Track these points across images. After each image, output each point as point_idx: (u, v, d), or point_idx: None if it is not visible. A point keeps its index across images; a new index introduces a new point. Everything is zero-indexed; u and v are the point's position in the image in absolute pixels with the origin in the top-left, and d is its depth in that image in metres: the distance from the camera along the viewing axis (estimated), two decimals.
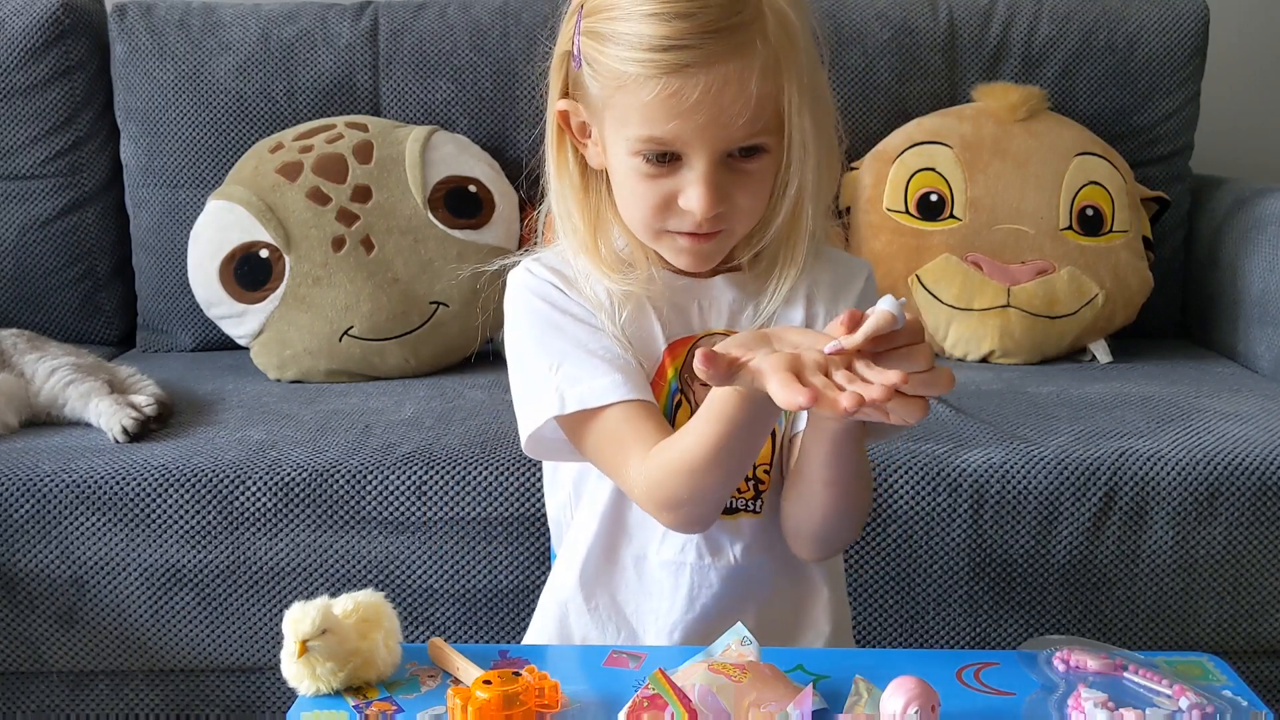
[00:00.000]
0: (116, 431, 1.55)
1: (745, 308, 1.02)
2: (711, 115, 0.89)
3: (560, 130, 1.00)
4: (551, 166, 1.02)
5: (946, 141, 2.02)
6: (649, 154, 0.92)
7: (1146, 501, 1.48)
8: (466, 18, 2.10)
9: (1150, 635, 1.52)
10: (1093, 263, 1.96)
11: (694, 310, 1.02)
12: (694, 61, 0.87)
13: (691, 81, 0.87)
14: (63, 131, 2.08)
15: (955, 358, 1.96)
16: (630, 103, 0.90)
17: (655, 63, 0.87)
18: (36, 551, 1.46)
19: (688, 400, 1.01)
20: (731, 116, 0.89)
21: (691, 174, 0.92)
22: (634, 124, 0.91)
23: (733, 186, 0.93)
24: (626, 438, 0.94)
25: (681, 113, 0.88)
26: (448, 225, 1.94)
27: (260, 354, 1.90)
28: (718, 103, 0.88)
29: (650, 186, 0.93)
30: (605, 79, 0.91)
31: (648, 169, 0.93)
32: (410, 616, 1.49)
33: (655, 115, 0.89)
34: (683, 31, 0.87)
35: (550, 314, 1.00)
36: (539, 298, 1.02)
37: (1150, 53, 2.13)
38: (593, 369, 0.96)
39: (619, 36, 0.89)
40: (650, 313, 1.01)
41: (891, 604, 1.50)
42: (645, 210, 0.95)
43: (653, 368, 1.00)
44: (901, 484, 1.47)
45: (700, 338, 1.02)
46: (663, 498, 0.93)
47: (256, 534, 1.47)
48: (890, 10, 2.14)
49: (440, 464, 1.48)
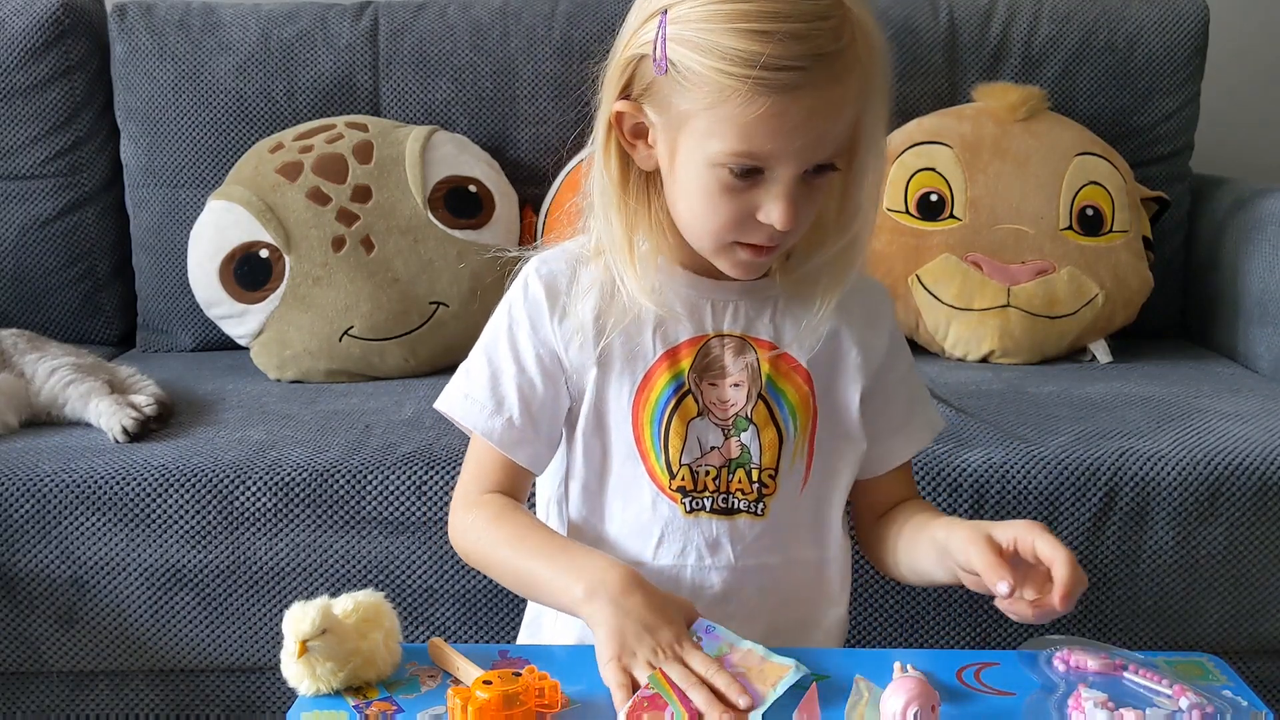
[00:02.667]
0: (116, 432, 1.55)
1: (763, 313, 1.03)
2: (809, 139, 0.90)
3: (609, 130, 0.99)
4: (599, 164, 1.01)
5: (946, 141, 2.02)
6: (736, 167, 0.92)
7: (1147, 501, 1.48)
8: (466, 17, 2.11)
9: (1151, 635, 1.52)
10: (1093, 263, 1.96)
11: (707, 310, 1.03)
12: (803, 84, 0.87)
13: (797, 104, 0.88)
14: (63, 131, 2.08)
15: (955, 357, 1.96)
16: (727, 116, 0.89)
17: (764, 80, 0.87)
18: (36, 551, 1.46)
19: (695, 398, 1.02)
20: (826, 140, 0.91)
21: (775, 189, 0.92)
22: (728, 138, 0.90)
23: (805, 201, 0.94)
24: (476, 468, 1.06)
25: (782, 132, 0.89)
26: (448, 225, 1.94)
27: (260, 354, 1.90)
28: (818, 126, 0.89)
29: (729, 199, 0.93)
30: (699, 89, 0.89)
31: (731, 182, 0.92)
32: (410, 616, 1.49)
33: (754, 132, 0.89)
34: (795, 54, 0.86)
35: (515, 328, 1.04)
36: (525, 306, 1.04)
37: (1150, 53, 2.13)
38: (496, 402, 1.03)
39: (723, 50, 0.87)
40: (649, 323, 1.02)
41: (891, 604, 1.50)
42: (720, 222, 0.95)
43: (637, 378, 1.02)
44: None
45: (710, 338, 1.02)
46: (456, 545, 1.07)
47: (256, 534, 1.47)
48: (890, 9, 2.13)
49: (440, 464, 1.48)
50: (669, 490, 1.02)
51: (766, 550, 1.04)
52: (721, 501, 1.03)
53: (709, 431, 1.02)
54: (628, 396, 1.02)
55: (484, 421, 1.03)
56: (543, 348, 1.03)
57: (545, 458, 1.06)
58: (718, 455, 1.02)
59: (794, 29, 0.86)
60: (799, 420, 1.03)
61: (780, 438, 1.03)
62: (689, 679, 0.85)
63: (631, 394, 1.02)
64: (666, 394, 1.02)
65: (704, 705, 0.83)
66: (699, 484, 1.02)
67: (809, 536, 1.07)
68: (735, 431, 1.02)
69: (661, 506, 1.02)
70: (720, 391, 1.02)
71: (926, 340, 1.97)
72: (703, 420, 1.02)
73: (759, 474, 1.02)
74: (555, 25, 2.09)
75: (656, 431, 1.02)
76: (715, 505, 1.03)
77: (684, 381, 1.02)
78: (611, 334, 1.01)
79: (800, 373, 1.03)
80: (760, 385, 1.02)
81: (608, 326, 1.01)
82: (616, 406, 1.03)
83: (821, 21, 0.87)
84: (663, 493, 1.02)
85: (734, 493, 1.03)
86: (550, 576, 0.96)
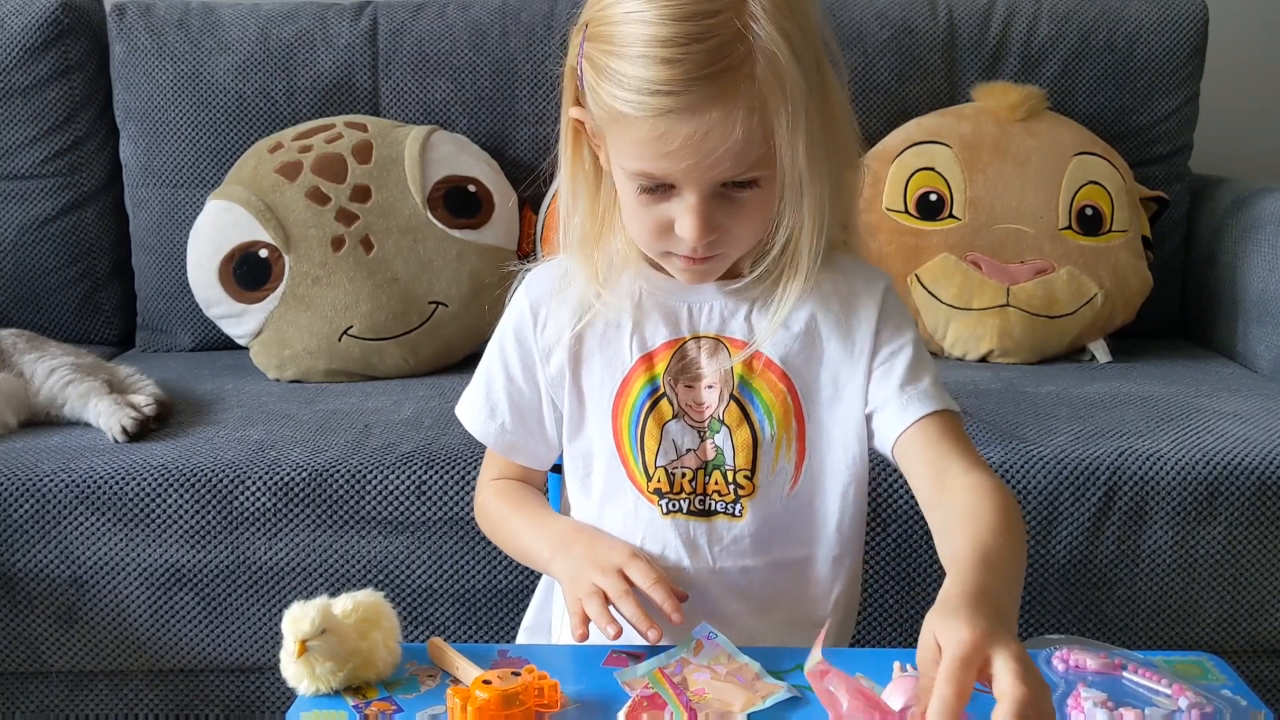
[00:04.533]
0: (116, 431, 1.55)
1: (738, 313, 1.03)
2: (697, 158, 0.90)
3: (576, 132, 1.00)
4: (566, 166, 1.03)
5: (946, 141, 2.01)
6: (643, 184, 0.94)
7: (1146, 501, 1.48)
8: (466, 17, 2.10)
9: (1150, 634, 1.52)
10: (1092, 262, 1.96)
11: (683, 313, 1.03)
12: (678, 107, 0.88)
13: (676, 126, 0.88)
14: (62, 131, 2.08)
15: (954, 357, 1.96)
16: (623, 136, 0.92)
17: (643, 105, 0.88)
18: (36, 551, 1.46)
19: (670, 401, 1.02)
20: (717, 158, 0.90)
21: (683, 204, 0.93)
22: (627, 156, 0.93)
23: (726, 215, 0.94)
24: (489, 460, 1.15)
25: (668, 154, 0.90)
26: (447, 225, 1.94)
27: (260, 354, 1.90)
28: (702, 146, 0.89)
29: (647, 211, 0.95)
30: (602, 109, 0.92)
31: (643, 197, 0.95)
32: (410, 616, 1.49)
33: (644, 153, 0.91)
34: (669, 78, 0.87)
35: (504, 340, 1.08)
36: (512, 318, 1.08)
37: (1149, 52, 2.13)
38: (489, 408, 1.09)
39: (613, 73, 0.90)
40: (626, 327, 1.03)
41: (892, 604, 1.50)
42: (646, 231, 0.97)
43: (616, 382, 1.03)
44: (902, 483, 1.46)
45: (687, 340, 1.03)
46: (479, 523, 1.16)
47: (256, 534, 1.47)
48: (890, 10, 2.13)
49: (440, 464, 1.48)
50: (647, 492, 1.03)
51: (745, 553, 1.03)
52: (699, 503, 1.03)
53: (685, 434, 1.02)
54: (608, 401, 1.03)
55: (480, 426, 1.10)
56: (529, 358, 1.07)
57: (545, 456, 1.11)
58: (694, 457, 1.02)
59: (670, 54, 0.87)
60: (776, 419, 1.02)
61: (755, 439, 1.02)
62: (619, 589, 0.94)
63: (611, 398, 1.03)
64: (641, 397, 1.02)
65: (632, 617, 0.91)
66: (675, 486, 1.02)
67: (799, 536, 1.05)
68: (710, 434, 1.02)
69: (642, 508, 1.03)
70: (696, 394, 1.02)
71: (925, 340, 1.96)
72: (678, 423, 1.02)
73: (734, 475, 1.02)
74: (555, 24, 2.09)
75: (634, 435, 1.02)
76: (693, 507, 1.03)
77: (659, 385, 1.02)
78: (589, 340, 1.04)
79: (774, 370, 1.02)
80: (732, 386, 1.02)
81: (584, 334, 1.04)
82: (597, 412, 1.04)
83: (699, 44, 0.87)
84: (642, 495, 1.03)
85: (710, 494, 1.03)
86: (530, 543, 1.07)
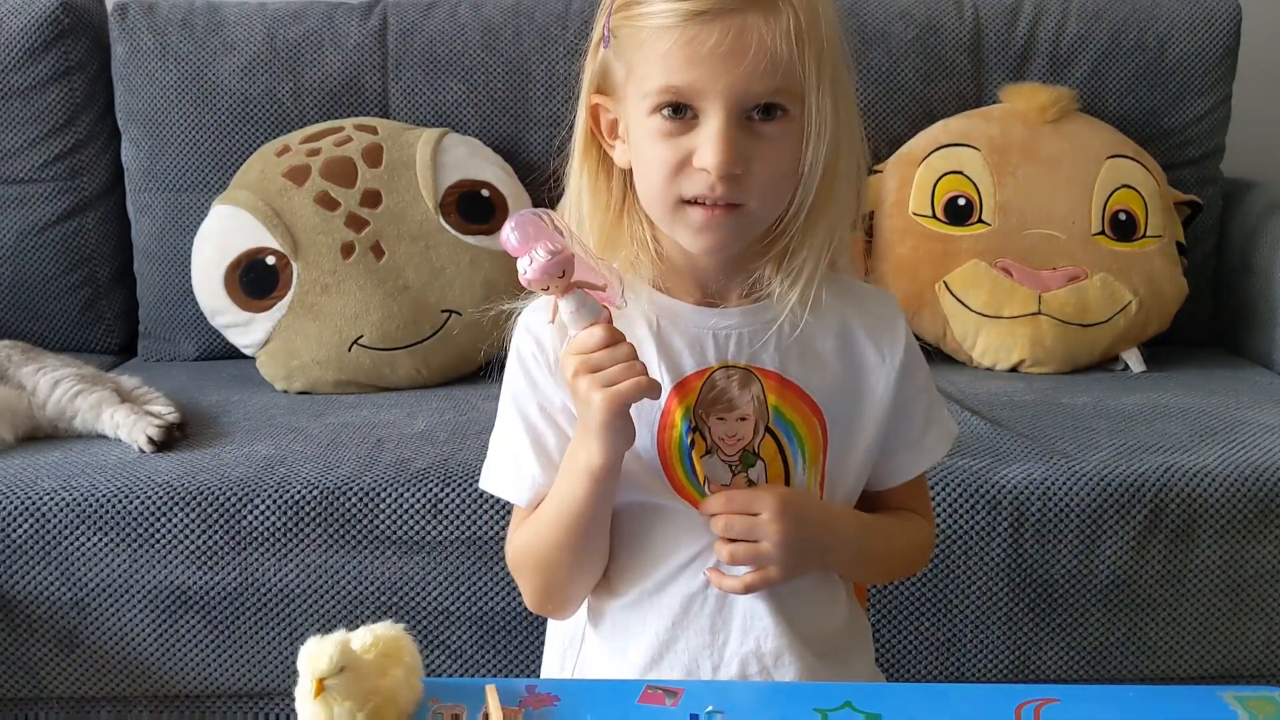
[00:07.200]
0: (141, 442, 1.50)
1: (767, 343, 0.98)
2: (729, 64, 0.88)
3: (589, 130, 0.98)
4: (575, 164, 1.00)
5: (974, 144, 1.96)
6: (666, 107, 0.91)
7: (1193, 519, 1.43)
8: (478, 17, 2.06)
9: (1196, 659, 1.47)
10: (1126, 269, 1.91)
11: (709, 341, 0.98)
12: (712, 8, 0.88)
13: (709, 27, 0.88)
14: (62, 134, 2.04)
15: (984, 367, 1.91)
16: (650, 57, 0.90)
17: (675, 12, 0.89)
18: (36, 573, 1.42)
19: (702, 436, 0.97)
20: (749, 67, 0.88)
21: (707, 129, 0.90)
22: (653, 77, 0.91)
23: (751, 150, 0.91)
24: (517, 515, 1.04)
25: (699, 59, 0.88)
26: (460, 230, 1.89)
27: (267, 364, 1.85)
28: (734, 50, 0.88)
29: (666, 146, 0.91)
30: (629, 45, 0.92)
31: (665, 126, 0.91)
32: (426, 641, 1.44)
33: (673, 63, 0.89)
34: None
35: (515, 388, 1.01)
36: (518, 358, 1.01)
37: (1181, 53, 2.09)
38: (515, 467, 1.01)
39: (642, 7, 0.91)
40: (649, 356, 0.97)
41: (927, 627, 1.45)
42: (662, 174, 0.92)
43: (655, 416, 0.97)
44: (938, 502, 1.41)
45: (715, 370, 0.97)
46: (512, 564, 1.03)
47: (265, 555, 1.42)
48: (914, 9, 2.09)
49: (456, 480, 1.43)
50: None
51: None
52: None
53: (717, 469, 0.98)
54: (649, 436, 0.97)
55: (512, 490, 1.02)
56: (545, 400, 1.00)
57: None
58: None
59: None
60: (807, 452, 0.98)
61: (787, 472, 0.98)
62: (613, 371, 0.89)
63: (653, 433, 0.97)
64: (683, 429, 0.97)
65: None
66: None
67: None
68: (743, 467, 0.98)
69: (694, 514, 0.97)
70: (728, 426, 0.97)
71: (954, 349, 1.92)
72: (711, 458, 0.97)
73: None
74: (569, 24, 2.05)
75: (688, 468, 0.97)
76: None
77: (693, 419, 0.97)
78: None
79: (806, 401, 0.98)
80: (767, 418, 0.97)
81: None
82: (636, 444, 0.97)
83: None
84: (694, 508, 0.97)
85: None
86: (562, 490, 0.97)
